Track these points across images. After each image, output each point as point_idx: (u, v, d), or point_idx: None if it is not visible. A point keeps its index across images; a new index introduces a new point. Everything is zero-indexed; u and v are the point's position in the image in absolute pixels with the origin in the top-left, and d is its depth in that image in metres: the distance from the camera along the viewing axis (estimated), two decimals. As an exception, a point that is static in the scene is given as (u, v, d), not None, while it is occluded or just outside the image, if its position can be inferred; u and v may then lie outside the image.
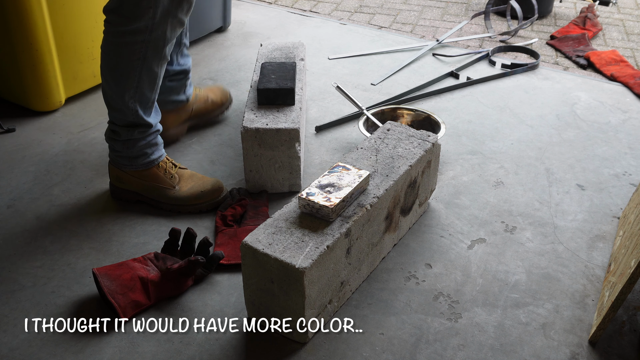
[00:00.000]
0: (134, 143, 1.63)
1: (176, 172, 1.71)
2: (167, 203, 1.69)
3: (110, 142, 1.66)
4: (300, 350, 1.29)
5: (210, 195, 1.69)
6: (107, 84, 1.58)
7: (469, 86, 2.40)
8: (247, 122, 1.70)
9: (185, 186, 1.70)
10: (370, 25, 3.04)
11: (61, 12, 2.03)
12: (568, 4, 3.37)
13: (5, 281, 1.46)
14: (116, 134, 1.63)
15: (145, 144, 1.65)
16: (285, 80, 1.81)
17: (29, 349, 1.29)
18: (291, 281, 1.22)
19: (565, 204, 1.75)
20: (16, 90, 2.12)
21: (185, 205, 1.69)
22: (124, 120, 1.60)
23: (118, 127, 1.62)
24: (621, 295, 1.24)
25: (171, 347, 1.30)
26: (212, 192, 1.70)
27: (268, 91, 1.76)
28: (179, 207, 1.69)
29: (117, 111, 1.60)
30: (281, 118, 1.72)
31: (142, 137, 1.63)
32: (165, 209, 1.70)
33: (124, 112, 1.59)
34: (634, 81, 2.42)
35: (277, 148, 1.70)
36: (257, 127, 1.68)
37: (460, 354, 1.30)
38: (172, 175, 1.70)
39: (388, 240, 1.53)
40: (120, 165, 1.67)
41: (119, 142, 1.63)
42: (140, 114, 1.59)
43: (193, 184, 1.71)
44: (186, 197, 1.69)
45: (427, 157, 1.59)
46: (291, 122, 1.70)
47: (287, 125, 1.68)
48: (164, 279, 1.41)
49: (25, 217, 1.67)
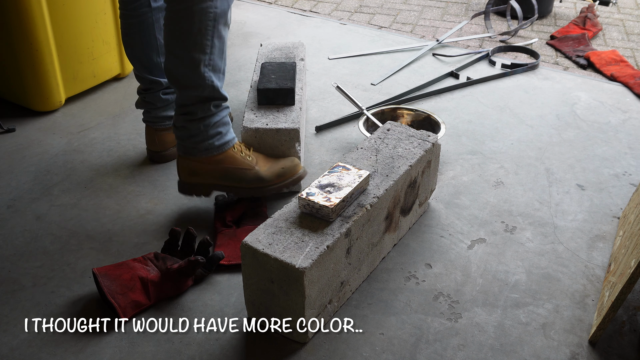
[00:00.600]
0: (210, 119, 1.56)
1: (252, 153, 1.66)
2: (249, 187, 1.63)
3: (183, 130, 1.58)
4: (300, 350, 1.29)
5: (291, 172, 1.65)
6: (179, 60, 1.50)
7: (469, 86, 2.40)
8: (247, 122, 1.70)
9: (264, 166, 1.64)
10: (370, 25, 3.04)
11: (61, 12, 2.03)
12: (568, 4, 3.37)
13: (5, 281, 1.46)
14: (191, 114, 1.55)
15: (219, 120, 1.58)
16: (285, 81, 1.80)
17: (29, 349, 1.29)
18: (291, 281, 1.22)
19: (565, 204, 1.75)
20: (16, 90, 2.12)
21: (268, 186, 1.63)
22: (198, 97, 1.53)
23: (192, 107, 1.54)
24: (621, 295, 1.24)
25: (171, 347, 1.30)
26: (292, 168, 1.66)
27: (268, 91, 1.76)
28: (262, 189, 1.63)
29: (190, 88, 1.52)
30: (281, 118, 1.71)
31: (217, 112, 1.57)
32: (245, 195, 1.65)
33: (198, 87, 1.52)
34: (634, 81, 2.42)
35: (277, 148, 1.70)
36: (257, 127, 1.68)
37: (460, 354, 1.30)
38: (249, 155, 1.64)
39: (388, 240, 1.53)
40: (196, 152, 1.59)
41: (194, 122, 1.56)
42: (215, 85, 1.53)
43: (270, 163, 1.66)
44: (269, 177, 1.63)
45: (427, 157, 1.59)
46: (291, 122, 1.69)
47: (287, 125, 1.68)
48: (164, 279, 1.41)
49: (25, 217, 1.67)
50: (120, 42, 2.27)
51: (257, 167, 1.64)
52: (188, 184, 1.65)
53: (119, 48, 2.28)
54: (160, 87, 1.79)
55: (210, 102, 1.55)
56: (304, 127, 1.98)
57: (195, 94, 1.53)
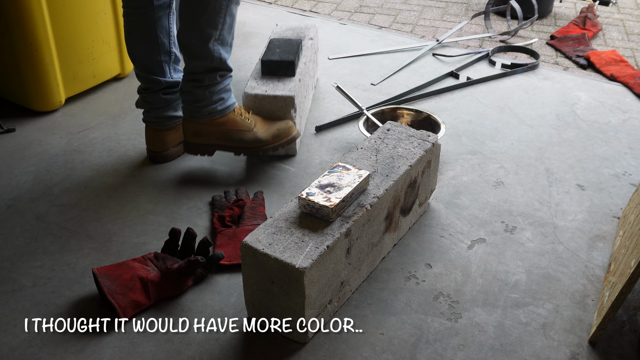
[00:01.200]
0: (215, 87, 1.71)
1: (251, 116, 1.81)
2: (248, 147, 1.79)
3: (189, 95, 1.72)
4: (300, 350, 1.29)
5: (285, 132, 1.81)
6: (192, 33, 1.65)
7: (469, 86, 2.40)
8: (248, 88, 1.87)
9: (261, 128, 1.80)
10: (370, 25, 3.04)
11: (61, 12, 2.03)
12: (568, 4, 3.37)
13: (5, 281, 1.46)
14: (198, 82, 1.70)
15: (222, 88, 1.73)
16: (288, 54, 1.95)
17: (29, 349, 1.29)
18: (291, 281, 1.22)
19: (565, 204, 1.75)
20: (16, 90, 2.12)
21: (265, 146, 1.79)
22: (207, 67, 1.68)
23: (200, 75, 1.69)
24: (621, 295, 1.24)
25: (171, 347, 1.30)
26: (287, 129, 1.82)
27: (270, 62, 1.92)
28: (259, 148, 1.79)
29: (199, 59, 1.67)
30: (280, 87, 1.87)
31: (222, 80, 1.73)
32: (246, 154, 1.81)
33: (207, 58, 1.67)
34: (634, 81, 2.42)
35: (274, 113, 1.85)
36: (257, 93, 1.84)
37: (460, 354, 1.30)
38: (248, 118, 1.79)
39: (388, 240, 1.53)
40: (200, 116, 1.74)
41: (201, 88, 1.70)
42: (223, 58, 1.69)
43: (267, 125, 1.81)
44: (266, 137, 1.79)
45: (427, 157, 1.59)
46: (288, 91, 1.84)
47: (284, 93, 1.83)
48: (164, 279, 1.41)
49: (25, 217, 1.67)
50: (120, 42, 2.27)
51: (255, 129, 1.79)
52: (192, 144, 1.79)
53: (119, 48, 2.28)
54: (160, 87, 1.81)
55: (216, 72, 1.70)
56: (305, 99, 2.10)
57: (204, 64, 1.68)
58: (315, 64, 2.32)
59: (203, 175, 1.85)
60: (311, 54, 2.14)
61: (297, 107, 1.88)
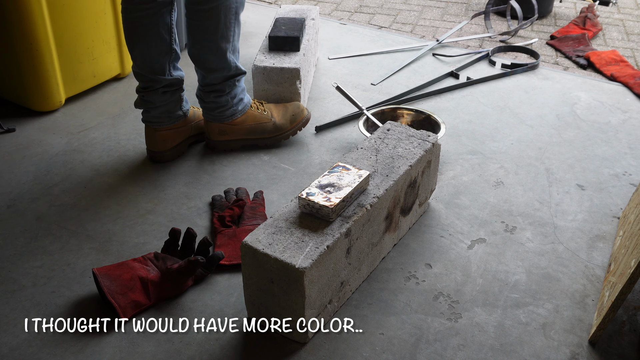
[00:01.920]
0: (234, 92, 1.85)
1: (265, 107, 1.95)
2: (271, 136, 1.93)
3: (212, 104, 1.84)
4: (300, 350, 1.29)
5: (300, 115, 1.96)
6: (205, 48, 1.76)
7: (469, 86, 2.40)
8: (257, 61, 2.04)
9: (278, 116, 1.94)
10: (370, 25, 3.04)
11: (61, 12, 2.03)
12: (568, 4, 3.37)
13: (5, 281, 1.46)
14: (219, 92, 1.82)
15: (240, 89, 1.87)
16: (293, 31, 2.13)
17: (29, 349, 1.29)
18: (291, 281, 1.22)
19: (565, 204, 1.75)
20: (16, 90, 2.12)
21: (286, 132, 1.95)
22: (225, 77, 1.81)
23: (219, 85, 1.81)
24: (621, 295, 1.24)
25: (171, 347, 1.30)
26: (300, 112, 1.96)
27: (277, 38, 2.10)
28: (281, 135, 1.94)
29: (217, 72, 1.79)
30: (286, 60, 2.05)
31: (239, 83, 1.86)
32: (269, 144, 1.95)
33: (224, 69, 1.79)
34: (634, 81, 2.42)
35: (281, 84, 2.03)
36: (265, 65, 2.02)
37: (460, 354, 1.30)
38: (264, 110, 1.94)
39: (388, 240, 1.53)
40: (223, 119, 1.87)
41: (223, 96, 1.83)
42: (238, 65, 1.82)
43: (282, 112, 1.95)
44: (284, 124, 1.94)
45: (427, 157, 1.59)
46: (294, 63, 2.02)
47: (290, 65, 2.02)
48: (164, 279, 1.41)
49: (25, 217, 1.67)
50: (120, 42, 2.27)
51: (274, 119, 1.93)
52: (219, 142, 1.92)
53: (119, 48, 2.28)
54: (159, 85, 1.79)
55: (234, 78, 1.83)
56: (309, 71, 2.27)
57: (222, 75, 1.80)
58: (316, 43, 2.53)
59: (203, 175, 1.85)
60: (313, 33, 2.33)
61: (303, 78, 2.07)
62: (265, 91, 2.06)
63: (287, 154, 1.95)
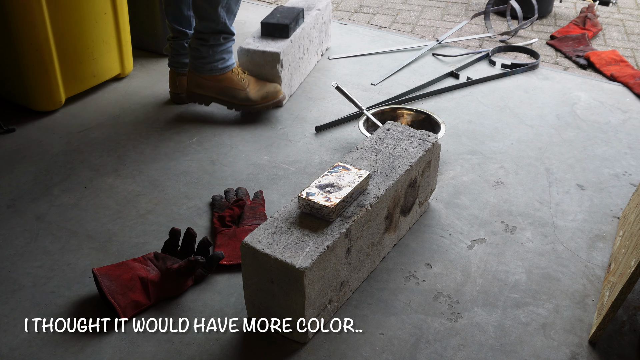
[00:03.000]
0: (218, 47, 1.99)
1: (246, 77, 2.09)
2: (240, 104, 2.08)
3: (195, 51, 2.00)
4: (300, 350, 1.29)
5: (273, 95, 2.09)
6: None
7: (469, 86, 2.40)
8: (244, 44, 2.16)
9: (253, 89, 2.08)
10: (370, 25, 3.04)
11: (61, 12, 2.03)
12: (568, 4, 3.37)
13: (5, 281, 1.46)
14: (204, 40, 1.97)
15: (224, 49, 2.01)
16: (285, 19, 2.21)
17: (29, 349, 1.29)
18: (291, 281, 1.22)
19: (565, 204, 1.75)
20: (16, 90, 2.12)
21: (254, 105, 2.08)
22: (212, 29, 1.96)
23: (205, 35, 1.97)
24: (621, 295, 1.24)
25: (171, 347, 1.30)
26: (275, 93, 2.10)
27: (268, 25, 2.20)
28: (249, 106, 2.08)
29: (207, 21, 1.95)
30: (271, 45, 2.14)
31: (225, 42, 2.00)
32: (237, 110, 2.10)
33: (213, 21, 1.94)
34: (634, 81, 2.42)
35: (263, 67, 2.13)
36: (249, 48, 2.13)
37: (460, 354, 1.30)
38: (243, 79, 2.07)
39: (388, 240, 1.53)
40: (202, 70, 2.02)
41: (205, 47, 1.98)
42: (227, 23, 1.96)
43: (259, 87, 2.09)
44: (255, 98, 2.07)
45: (427, 157, 1.59)
46: (276, 48, 2.12)
47: (272, 49, 2.11)
48: (164, 279, 1.41)
49: (25, 217, 1.67)
50: (120, 42, 2.27)
51: (248, 89, 2.07)
52: (193, 93, 2.08)
53: (119, 48, 2.28)
54: (185, 37, 2.10)
55: (220, 34, 1.98)
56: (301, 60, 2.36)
57: (211, 26, 1.95)
58: (325, 33, 2.60)
59: (203, 175, 1.85)
60: (319, 24, 2.47)
61: (285, 63, 2.17)
62: (249, 72, 2.18)
63: (287, 154, 1.96)
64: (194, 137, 2.04)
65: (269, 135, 2.06)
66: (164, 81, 2.34)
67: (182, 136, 2.05)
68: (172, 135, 2.05)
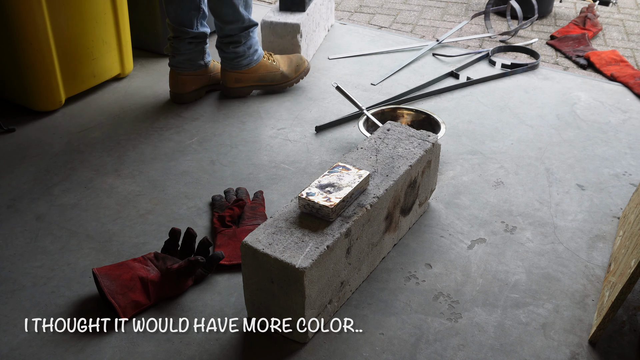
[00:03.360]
0: (250, 42, 2.15)
1: (274, 57, 2.25)
2: (279, 83, 2.25)
3: (231, 53, 2.14)
4: (300, 350, 1.29)
5: (302, 66, 2.28)
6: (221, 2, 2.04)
7: (469, 86, 2.40)
8: (266, 17, 2.43)
9: (284, 66, 2.25)
10: (370, 25, 3.04)
11: (61, 12, 2.03)
12: (568, 4, 3.37)
13: (5, 281, 1.46)
14: (237, 42, 2.12)
15: (254, 41, 2.17)
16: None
17: (29, 349, 1.29)
18: (291, 281, 1.22)
19: (565, 204, 1.75)
20: (16, 90, 2.12)
21: (291, 80, 2.26)
22: (240, 28, 2.10)
23: (236, 36, 2.11)
24: (621, 295, 1.24)
25: (171, 347, 1.30)
26: (302, 62, 2.29)
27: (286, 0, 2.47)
28: (288, 83, 2.26)
29: (233, 23, 2.08)
30: (290, 17, 2.42)
31: (253, 35, 2.16)
32: (277, 91, 2.27)
33: (239, 21, 2.08)
34: (634, 81, 2.42)
35: (284, 37, 2.40)
36: (272, 20, 2.41)
37: (460, 354, 1.30)
38: (273, 60, 2.24)
39: (388, 240, 1.53)
40: (240, 66, 2.17)
41: (240, 46, 2.13)
42: (250, 18, 2.11)
43: (288, 62, 2.26)
44: (290, 73, 2.25)
45: (427, 157, 1.59)
46: (296, 20, 2.39)
47: (292, 21, 2.38)
48: (164, 279, 1.41)
49: (25, 217, 1.67)
50: (120, 42, 2.27)
51: (282, 68, 2.24)
52: (234, 88, 2.22)
53: (119, 48, 2.28)
54: (187, 37, 2.12)
55: (248, 29, 2.12)
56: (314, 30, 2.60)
57: (238, 26, 2.10)
58: (330, 11, 2.87)
59: (203, 175, 1.85)
60: (326, 1, 2.74)
61: (304, 34, 2.43)
62: (271, 43, 2.43)
63: (287, 154, 1.95)
64: (194, 137, 2.04)
65: (269, 135, 2.06)
66: (164, 81, 2.35)
67: (182, 136, 2.05)
68: (172, 135, 2.05)
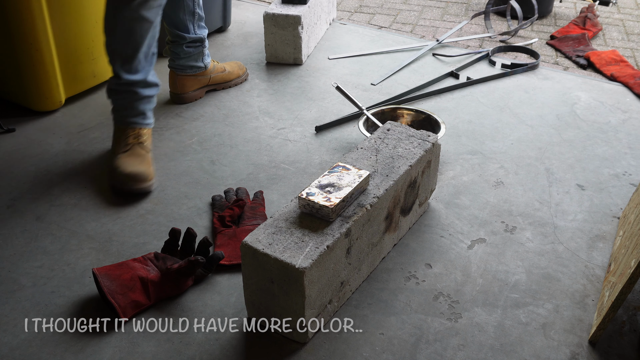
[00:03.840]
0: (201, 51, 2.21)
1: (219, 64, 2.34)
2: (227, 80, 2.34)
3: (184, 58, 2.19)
4: (300, 350, 1.29)
5: (238, 71, 2.38)
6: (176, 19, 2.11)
7: (469, 86, 2.40)
8: (269, 9, 2.46)
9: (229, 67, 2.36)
10: (370, 25, 3.04)
11: (61, 12, 2.03)
12: (568, 4, 3.37)
13: (5, 281, 1.46)
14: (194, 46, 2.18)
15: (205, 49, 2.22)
16: None
17: (29, 349, 1.29)
18: (291, 281, 1.22)
19: (565, 204, 1.75)
20: (16, 90, 2.12)
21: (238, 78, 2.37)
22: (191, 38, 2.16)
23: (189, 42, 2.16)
24: (621, 295, 1.24)
25: (171, 347, 1.30)
26: (239, 69, 2.39)
27: None
28: (233, 81, 2.35)
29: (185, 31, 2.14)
30: (292, 10, 2.46)
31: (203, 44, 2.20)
32: (225, 87, 2.34)
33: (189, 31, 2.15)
34: (634, 81, 2.42)
35: (285, 28, 2.46)
36: (274, 12, 2.45)
37: (460, 354, 1.30)
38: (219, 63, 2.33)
39: (388, 240, 1.53)
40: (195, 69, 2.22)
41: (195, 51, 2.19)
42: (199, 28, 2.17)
43: (232, 65, 2.38)
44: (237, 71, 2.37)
45: (427, 157, 1.59)
46: (297, 12, 2.44)
47: (294, 13, 2.43)
48: (164, 279, 1.41)
49: (25, 217, 1.67)
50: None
51: (227, 69, 2.34)
52: (185, 94, 2.23)
53: (119, 48, 2.28)
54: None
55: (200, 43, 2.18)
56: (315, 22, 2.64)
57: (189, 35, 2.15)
58: (332, 4, 2.93)
59: (203, 175, 1.85)
60: None
61: (305, 26, 2.48)
62: (273, 34, 2.48)
63: (287, 154, 1.96)
64: (194, 137, 2.04)
65: (269, 135, 2.06)
66: (164, 81, 2.34)
67: (182, 136, 2.05)
68: (172, 135, 2.05)
